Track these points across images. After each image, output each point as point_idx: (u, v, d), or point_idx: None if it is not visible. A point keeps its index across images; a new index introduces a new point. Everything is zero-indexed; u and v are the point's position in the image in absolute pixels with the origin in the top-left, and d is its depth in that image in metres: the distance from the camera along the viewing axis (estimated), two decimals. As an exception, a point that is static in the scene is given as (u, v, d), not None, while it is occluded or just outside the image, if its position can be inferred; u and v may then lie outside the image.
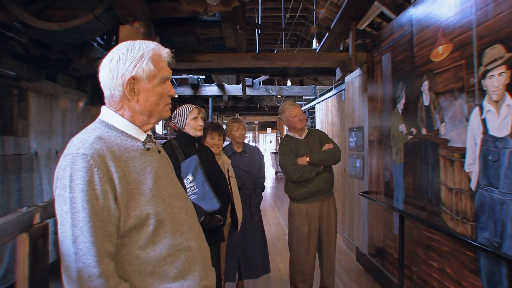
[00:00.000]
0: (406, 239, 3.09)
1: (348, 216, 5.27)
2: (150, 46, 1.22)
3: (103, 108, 1.24)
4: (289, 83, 10.74)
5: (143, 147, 1.22)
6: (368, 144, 4.34)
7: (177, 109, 2.65)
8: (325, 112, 7.18)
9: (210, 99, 10.17)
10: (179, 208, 1.26)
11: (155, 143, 1.32)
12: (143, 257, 1.14)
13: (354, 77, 4.95)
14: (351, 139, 5.06)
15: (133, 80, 1.18)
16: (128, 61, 1.17)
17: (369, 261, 4.22)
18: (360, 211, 4.68)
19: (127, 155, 1.16)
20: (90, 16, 2.97)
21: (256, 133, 28.47)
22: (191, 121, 2.58)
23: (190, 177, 2.42)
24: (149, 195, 1.15)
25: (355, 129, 4.89)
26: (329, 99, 6.71)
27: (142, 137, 1.24)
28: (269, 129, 26.58)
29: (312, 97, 9.10)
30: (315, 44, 7.25)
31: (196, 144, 2.63)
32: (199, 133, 2.60)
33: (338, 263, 4.27)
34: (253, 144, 25.84)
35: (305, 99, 9.98)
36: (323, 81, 10.53)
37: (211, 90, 9.59)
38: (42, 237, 1.03)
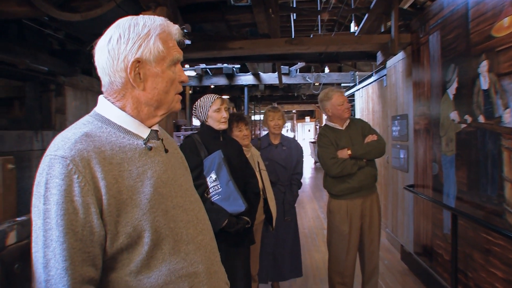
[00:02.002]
0: (459, 240, 2.75)
1: (391, 210, 4.92)
2: (157, 22, 0.99)
3: (99, 98, 1.02)
4: (326, 70, 10.35)
5: (144, 146, 1.00)
6: (413, 134, 3.97)
7: (198, 100, 2.44)
8: (365, 100, 6.80)
9: (245, 89, 10.03)
10: (186, 222, 1.03)
11: (161, 139, 1.09)
12: (135, 286, 0.92)
13: (396, 61, 4.56)
14: (394, 128, 4.69)
15: (138, 63, 0.96)
16: (131, 40, 0.95)
17: (415, 261, 3.88)
18: (405, 205, 4.33)
19: (122, 156, 0.94)
20: (112, 5, 2.82)
21: (294, 122, 28.15)
22: (213, 113, 2.36)
23: (213, 175, 2.21)
24: (146, 207, 0.93)
25: (398, 117, 4.52)
26: (370, 85, 6.32)
27: (145, 133, 1.02)
28: (307, 118, 26.16)
29: (351, 84, 8.69)
30: (353, 28, 6.83)
31: (221, 138, 2.41)
32: (223, 126, 2.37)
33: (381, 262, 3.96)
34: (292, 134, 25.50)
35: (343, 86, 9.58)
36: (363, 67, 10.06)
37: (246, 79, 9.45)
38: (21, 260, 0.85)
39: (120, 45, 0.95)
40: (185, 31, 1.10)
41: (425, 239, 3.62)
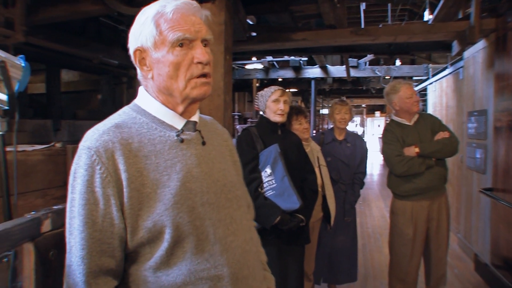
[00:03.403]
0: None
1: (464, 214, 4.52)
2: (157, 4, 0.95)
3: (139, 89, 1.02)
4: (398, 62, 9.81)
5: (176, 137, 0.95)
6: (493, 131, 3.58)
7: (261, 90, 2.40)
8: (438, 94, 6.33)
9: (312, 82, 9.87)
10: (216, 220, 0.95)
11: (199, 131, 1.02)
12: (152, 282, 0.89)
13: (476, 51, 4.14)
14: (470, 125, 4.28)
15: (140, 51, 0.95)
16: (135, 30, 0.96)
17: (492, 274, 3.50)
18: (480, 210, 3.94)
19: (150, 148, 0.92)
20: (173, -2, 2.86)
21: (364, 117, 27.28)
22: (271, 103, 2.28)
23: (268, 170, 2.14)
24: (170, 202, 0.88)
25: (475, 113, 4.11)
26: (444, 78, 5.86)
27: (180, 124, 0.98)
28: (377, 113, 25.24)
29: (424, 78, 8.13)
30: (427, 17, 6.35)
31: (279, 131, 2.33)
32: (278, 118, 2.28)
33: (450, 270, 3.65)
34: (361, 129, 24.78)
35: (415, 80, 9.01)
36: (438, 59, 9.41)
37: (313, 72, 9.30)
38: (56, 248, 0.86)
39: (131, 37, 0.97)
40: (249, 22, 1.04)
41: (506, 250, 3.25)
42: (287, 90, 2.39)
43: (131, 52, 0.97)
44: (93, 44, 5.23)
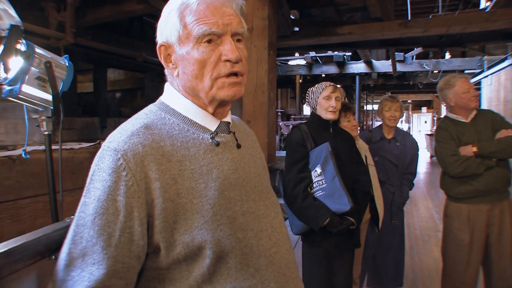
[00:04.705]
0: None
1: (526, 218, 4.18)
2: None
3: (165, 86, 0.92)
4: (447, 56, 9.35)
5: (210, 140, 0.85)
6: (561, 129, 3.26)
7: (312, 87, 2.31)
8: (495, 88, 5.93)
9: (357, 77, 9.70)
10: (258, 231, 0.85)
11: (233, 133, 0.92)
12: None
13: (541, 41, 3.81)
14: (533, 122, 3.95)
15: (164, 47, 0.86)
16: (161, 24, 0.87)
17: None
18: (545, 214, 3.62)
19: (183, 152, 0.81)
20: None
21: (410, 112, 26.46)
22: (322, 100, 2.18)
23: (318, 169, 2.05)
24: (209, 214, 0.78)
25: (540, 109, 3.79)
26: (502, 71, 5.48)
27: (213, 125, 0.88)
28: (424, 109, 24.40)
29: (477, 71, 7.68)
30: (483, 4, 5.95)
31: (331, 129, 2.22)
32: (330, 116, 2.18)
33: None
34: (406, 126, 24.05)
35: (467, 73, 8.54)
36: (493, 50, 8.85)
37: (357, 67, 9.14)
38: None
39: (158, 32, 0.88)
40: (292, 17, 0.93)
41: None
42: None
43: (157, 48, 0.87)
44: (137, 42, 5.38)
